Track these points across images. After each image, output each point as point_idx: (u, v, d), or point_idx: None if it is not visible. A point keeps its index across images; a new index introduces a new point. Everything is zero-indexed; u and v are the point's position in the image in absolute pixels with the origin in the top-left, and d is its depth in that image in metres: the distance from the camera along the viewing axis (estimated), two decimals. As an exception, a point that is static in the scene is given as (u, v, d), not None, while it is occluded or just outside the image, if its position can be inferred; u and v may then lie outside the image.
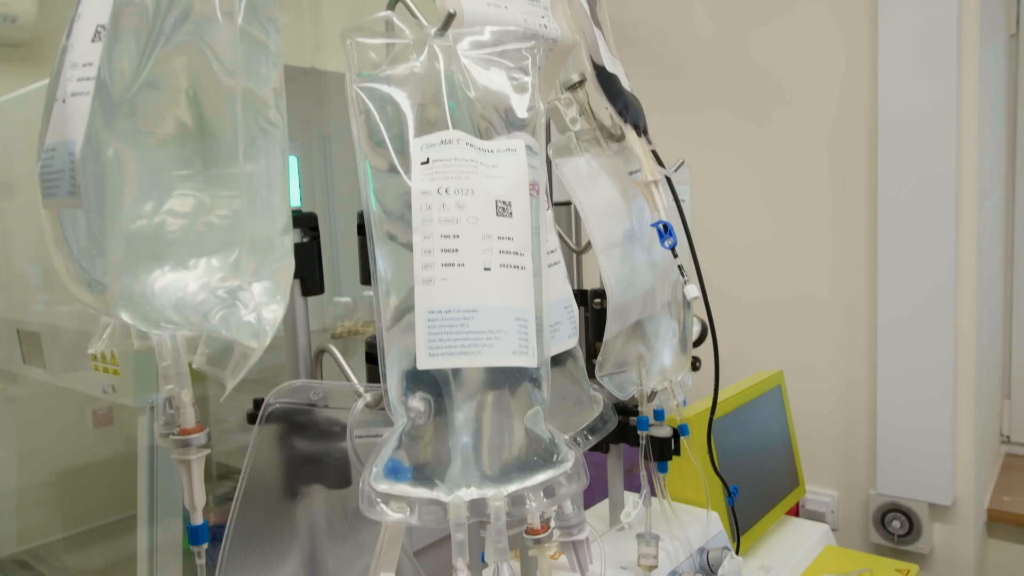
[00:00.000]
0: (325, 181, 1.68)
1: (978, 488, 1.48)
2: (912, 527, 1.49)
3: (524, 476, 0.48)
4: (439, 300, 0.46)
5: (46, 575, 1.45)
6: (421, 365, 0.45)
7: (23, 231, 1.19)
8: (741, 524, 0.92)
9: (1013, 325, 1.74)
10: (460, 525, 0.47)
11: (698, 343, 1.14)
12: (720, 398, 1.00)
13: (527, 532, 0.58)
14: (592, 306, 0.80)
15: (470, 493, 0.47)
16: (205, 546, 0.47)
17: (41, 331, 1.39)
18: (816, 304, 1.48)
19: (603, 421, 0.63)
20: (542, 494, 0.48)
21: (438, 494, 0.47)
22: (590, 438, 0.62)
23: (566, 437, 0.50)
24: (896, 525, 1.49)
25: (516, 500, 0.48)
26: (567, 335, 0.58)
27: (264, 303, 0.41)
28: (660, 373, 0.77)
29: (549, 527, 0.58)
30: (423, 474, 0.47)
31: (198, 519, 0.46)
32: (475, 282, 0.46)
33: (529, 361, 0.47)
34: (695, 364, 1.03)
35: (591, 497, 0.97)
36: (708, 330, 0.83)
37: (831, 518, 1.53)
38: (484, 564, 0.52)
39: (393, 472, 0.47)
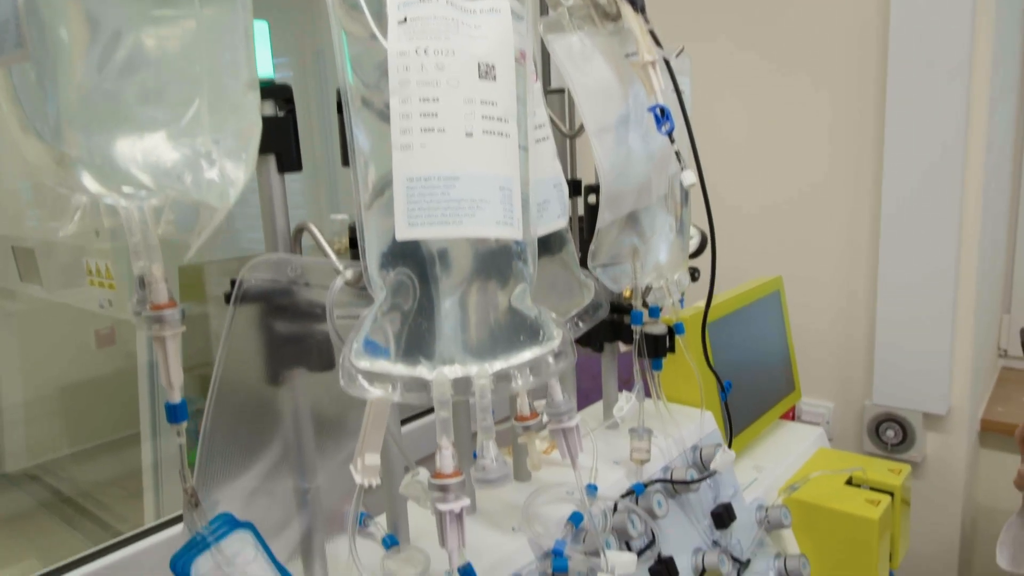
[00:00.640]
0: (320, 96, 1.63)
1: (973, 399, 1.49)
2: (906, 436, 1.50)
3: (509, 354, 0.47)
4: (418, 167, 0.43)
5: (55, 486, 1.48)
6: (400, 235, 0.43)
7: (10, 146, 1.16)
8: (735, 425, 0.92)
9: (1017, 240, 1.71)
10: (444, 403, 0.46)
11: (697, 254, 1.13)
12: (717, 301, 0.99)
13: (516, 419, 0.57)
14: (586, 202, 0.78)
15: (454, 371, 0.46)
16: (184, 424, 0.46)
17: (36, 248, 1.37)
18: (817, 212, 1.45)
19: (594, 308, 0.61)
20: (528, 371, 0.47)
21: (421, 372, 0.45)
22: (580, 325, 0.60)
23: (553, 315, 0.49)
24: (890, 435, 1.51)
25: (501, 378, 0.46)
26: (556, 215, 0.56)
27: (229, 161, 0.39)
28: (655, 269, 0.75)
29: (538, 415, 0.58)
30: (405, 351, 0.46)
31: (176, 397, 0.45)
32: (456, 148, 0.43)
33: (514, 232, 0.45)
34: (693, 275, 1.01)
35: (585, 401, 0.97)
36: (707, 241, 0.81)
37: (826, 429, 1.54)
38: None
39: (373, 349, 0.45)
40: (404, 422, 1.13)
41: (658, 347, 0.79)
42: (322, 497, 0.56)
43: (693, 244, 1.13)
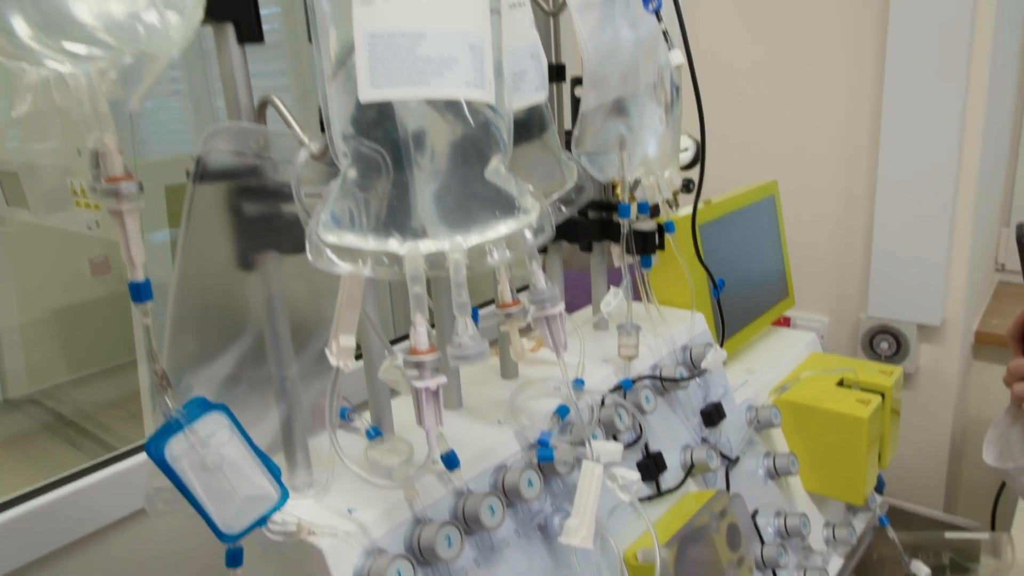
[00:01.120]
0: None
1: (968, 311, 1.49)
2: (899, 348, 1.50)
3: (484, 228, 0.45)
4: (381, 22, 0.40)
5: (57, 410, 1.48)
6: (363, 97, 0.41)
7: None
8: (727, 328, 0.91)
9: (1020, 154, 1.68)
10: (416, 278, 0.44)
11: (691, 166, 1.10)
12: (711, 204, 0.97)
13: (499, 307, 0.56)
14: (573, 94, 0.74)
15: (427, 245, 0.44)
16: (149, 304, 0.44)
17: (19, 171, 1.34)
18: (815, 113, 1.41)
19: (577, 191, 0.59)
20: (504, 246, 0.45)
21: (392, 246, 0.44)
22: (563, 210, 0.58)
23: (531, 188, 0.47)
24: (884, 347, 1.51)
25: (476, 252, 0.45)
26: (534, 87, 0.53)
27: (172, 11, 0.36)
28: (644, 164, 0.73)
29: (520, 302, 0.56)
30: (375, 226, 0.44)
31: (138, 275, 0.44)
32: (422, 1, 0.40)
33: (485, 95, 0.43)
34: (687, 185, 0.98)
35: (574, 307, 0.96)
36: (700, 153, 0.78)
37: (820, 342, 1.54)
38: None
39: (342, 223, 0.44)
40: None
41: (647, 244, 0.77)
42: (301, 389, 0.55)
43: (687, 157, 1.10)
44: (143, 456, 0.76)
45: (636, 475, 0.61)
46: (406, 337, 0.45)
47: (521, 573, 0.59)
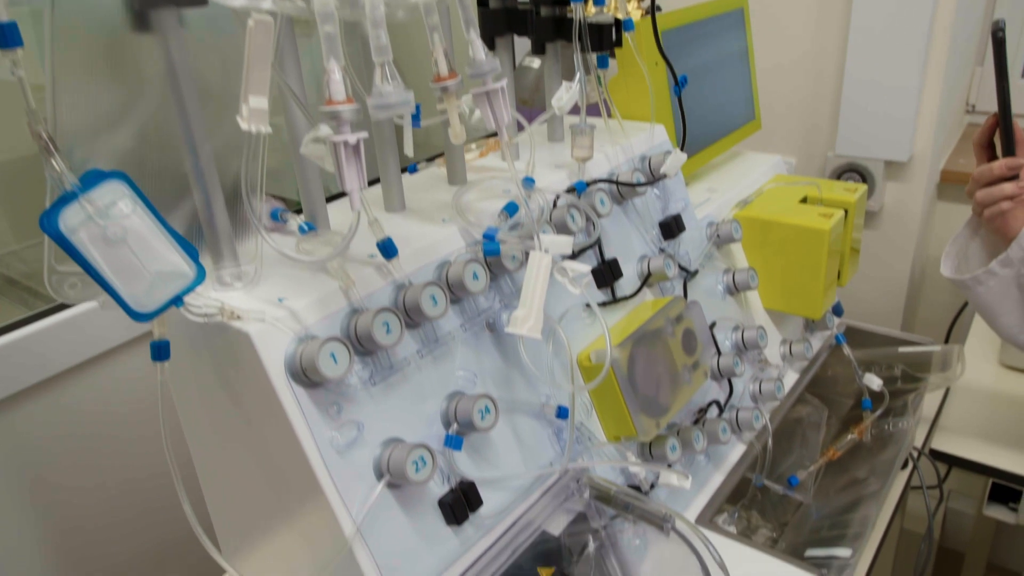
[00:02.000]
0: None
1: (936, 148, 1.46)
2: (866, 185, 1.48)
3: (404, -45, 0.39)
4: None
5: (6, 273, 1.43)
6: None
7: None
8: (691, 147, 0.87)
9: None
10: (327, 15, 0.39)
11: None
12: (674, 12, 0.90)
13: (434, 80, 0.51)
14: None
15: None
16: (19, 52, 0.38)
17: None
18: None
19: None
20: (428, -22, 0.40)
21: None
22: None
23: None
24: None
25: (396, -15, 0.39)
26: None
27: None
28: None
29: (457, 74, 0.51)
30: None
31: (1, 15, 0.37)
32: None
33: None
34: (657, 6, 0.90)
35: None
36: None
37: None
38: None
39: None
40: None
41: (603, 39, 0.71)
42: (220, 173, 0.50)
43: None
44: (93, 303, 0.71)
45: (586, 267, 0.59)
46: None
47: (470, 369, 0.57)
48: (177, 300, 0.44)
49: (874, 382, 0.95)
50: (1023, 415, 1.19)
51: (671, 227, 0.79)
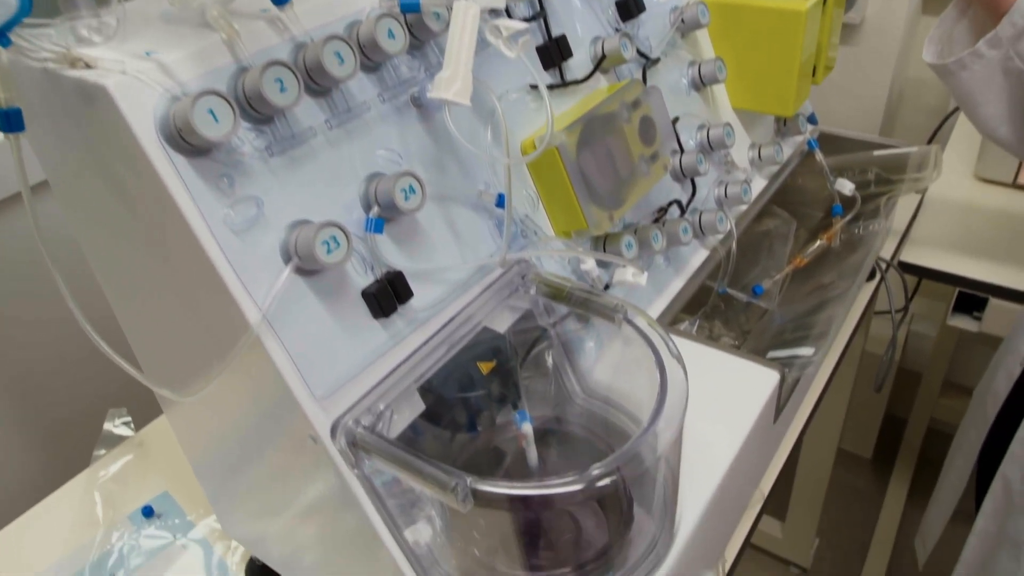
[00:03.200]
0: None
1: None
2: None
3: None
4: None
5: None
6: None
7: None
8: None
9: None
10: None
11: None
12: None
13: None
14: None
15: None
16: None
17: None
18: None
19: None
20: None
21: None
22: None
23: None
24: (830, -6, 1.36)
25: None
26: None
27: None
28: None
29: None
30: None
31: None
32: None
33: None
34: None
35: None
36: None
37: None
38: None
39: None
40: None
41: None
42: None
43: None
44: None
45: (523, 24, 0.50)
46: None
47: (392, 149, 0.50)
48: (1, 39, 0.35)
49: (846, 186, 0.90)
50: (994, 226, 1.16)
51: (629, 6, 0.69)
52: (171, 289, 0.47)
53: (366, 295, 0.47)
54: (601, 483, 0.40)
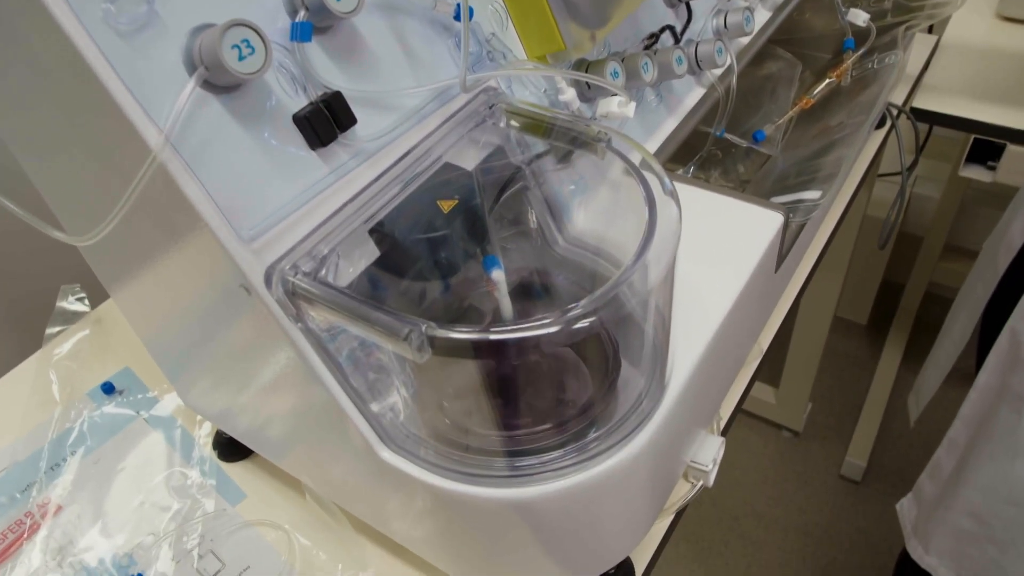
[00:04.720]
0: None
1: None
2: None
3: None
4: None
5: None
6: None
7: None
8: None
9: None
10: None
11: None
12: None
13: None
14: None
15: None
16: None
17: None
18: None
19: None
20: None
21: None
22: None
23: None
24: None
25: None
26: None
27: None
28: None
29: None
30: None
31: None
32: None
33: None
34: None
35: None
36: None
37: None
38: None
39: None
40: None
41: None
42: None
43: None
44: None
45: None
46: None
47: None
48: None
49: (860, 17, 0.80)
50: (1016, 68, 1.07)
51: None
52: (61, 119, 0.39)
53: (298, 119, 0.39)
54: (579, 324, 0.35)
